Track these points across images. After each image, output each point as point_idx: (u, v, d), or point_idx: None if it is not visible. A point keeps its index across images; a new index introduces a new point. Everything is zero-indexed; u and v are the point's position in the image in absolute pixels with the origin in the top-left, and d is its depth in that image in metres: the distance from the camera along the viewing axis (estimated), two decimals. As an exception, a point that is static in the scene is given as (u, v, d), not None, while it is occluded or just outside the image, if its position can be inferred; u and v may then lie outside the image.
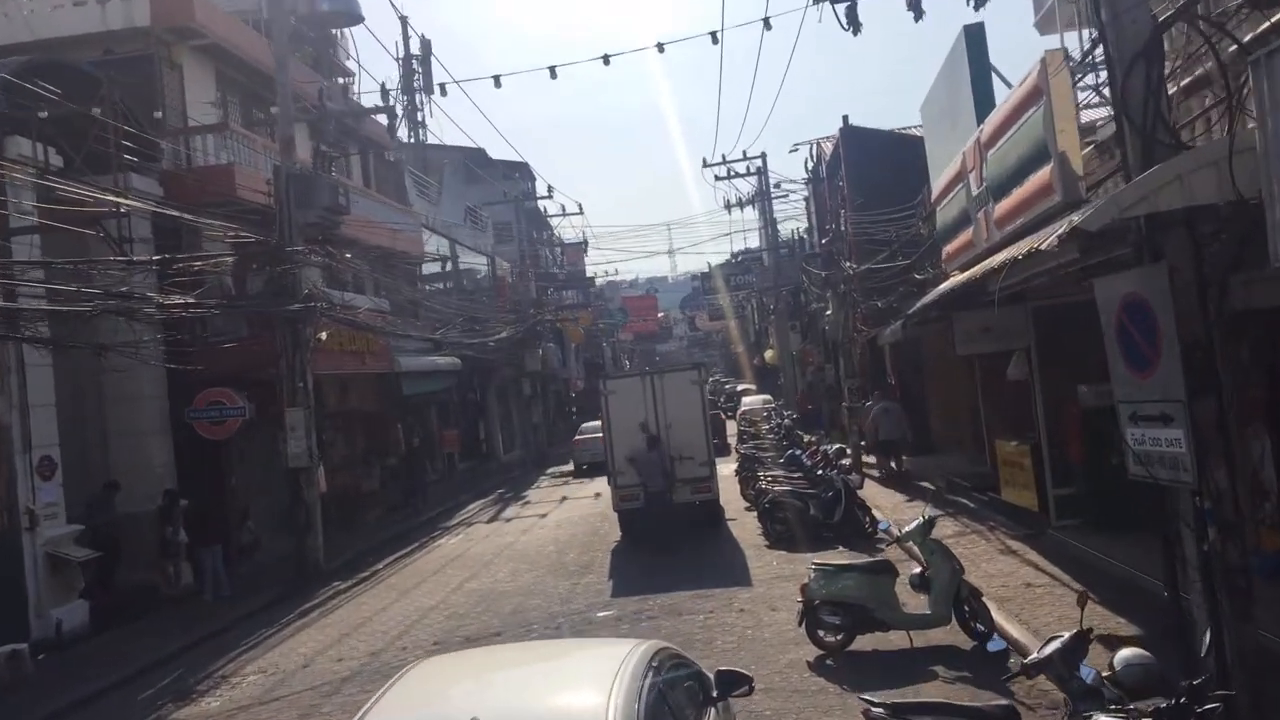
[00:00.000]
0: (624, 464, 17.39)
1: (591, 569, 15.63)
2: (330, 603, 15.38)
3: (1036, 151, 9.02)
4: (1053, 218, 8.47)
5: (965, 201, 12.24)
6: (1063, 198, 8.47)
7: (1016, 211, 9.98)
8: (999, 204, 10.56)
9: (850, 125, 25.27)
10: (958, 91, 12.78)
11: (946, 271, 14.93)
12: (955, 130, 13.03)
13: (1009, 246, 9.11)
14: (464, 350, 28.31)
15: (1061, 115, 8.44)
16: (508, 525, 21.89)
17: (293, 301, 16.47)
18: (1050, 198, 8.85)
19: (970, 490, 17.25)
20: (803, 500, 16.36)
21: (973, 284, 10.31)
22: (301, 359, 16.80)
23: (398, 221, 24.35)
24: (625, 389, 17.96)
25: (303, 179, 16.57)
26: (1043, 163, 8.87)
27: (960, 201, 12.65)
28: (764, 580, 13.41)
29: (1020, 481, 14.24)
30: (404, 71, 38.05)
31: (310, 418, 16.75)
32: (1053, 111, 8.49)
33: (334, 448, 23.41)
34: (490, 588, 14.98)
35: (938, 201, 14.66)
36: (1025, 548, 13.12)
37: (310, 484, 16.87)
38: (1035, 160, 9.11)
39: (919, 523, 10.03)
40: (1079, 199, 8.29)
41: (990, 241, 11.24)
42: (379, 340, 22.08)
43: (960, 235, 13.09)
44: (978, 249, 12.00)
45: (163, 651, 13.07)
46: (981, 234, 11.69)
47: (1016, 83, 9.62)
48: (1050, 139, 8.57)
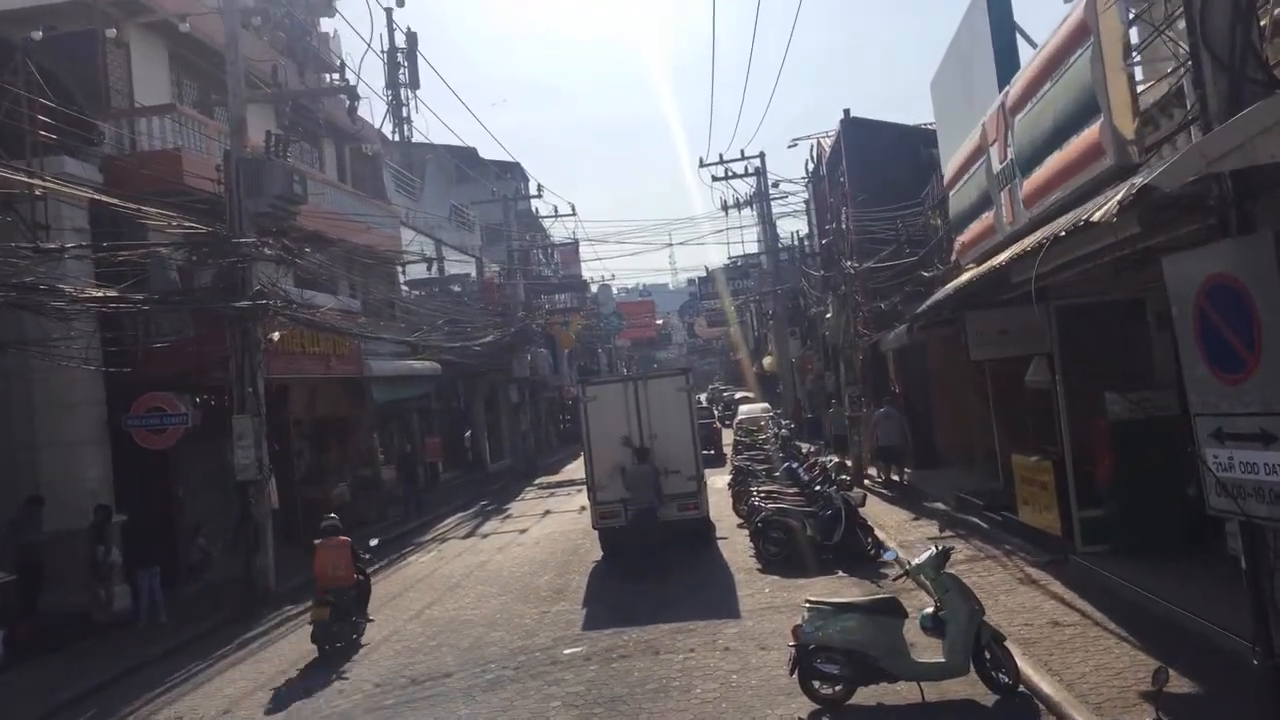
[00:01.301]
0: (604, 478, 15.96)
1: (565, 594, 14.17)
2: (275, 631, 13.92)
3: (1080, 106, 7.54)
4: (1098, 189, 7.03)
5: (985, 181, 10.77)
6: (1116, 160, 7.00)
7: (1052, 185, 8.48)
8: (1028, 179, 9.09)
9: (852, 117, 23.86)
10: (975, 56, 11.30)
11: (960, 266, 13.49)
12: (972, 102, 11.56)
13: (1041, 229, 7.66)
14: (444, 354, 26.86)
15: (1113, 58, 6.96)
16: (484, 542, 20.42)
17: (241, 297, 15.02)
18: (1098, 162, 7.36)
19: (982, 509, 15.77)
20: (799, 519, 14.91)
21: (995, 275, 8.86)
22: (251, 361, 15.34)
23: (364, 215, 22.89)
24: (606, 396, 16.49)
25: (253, 164, 15.15)
26: (1089, 119, 7.38)
27: (979, 182, 11.18)
28: (754, 611, 11.94)
29: (1040, 501, 12.78)
30: (388, 65, 36.83)
31: (260, 426, 15.29)
32: (1102, 53, 7.01)
33: (300, 458, 21.99)
34: (452, 615, 13.51)
35: (950, 185, 13.18)
36: (1047, 577, 11.65)
37: (260, 498, 15.40)
38: (1078, 117, 7.59)
39: (931, 554, 8.57)
40: (1132, 163, 6.83)
41: (1016, 225, 9.77)
42: (347, 343, 20.63)
43: (977, 222, 11.60)
44: (999, 236, 10.53)
45: (79, 687, 11.63)
46: (1004, 217, 10.21)
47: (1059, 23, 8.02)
48: (1100, 87, 7.09)
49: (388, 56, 36.68)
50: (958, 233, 12.94)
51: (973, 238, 12.08)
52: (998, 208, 10.45)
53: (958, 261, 13.81)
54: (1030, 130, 8.92)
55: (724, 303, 53.55)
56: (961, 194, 12.45)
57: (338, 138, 26.10)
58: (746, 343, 64.62)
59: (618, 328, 67.92)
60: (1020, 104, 9.26)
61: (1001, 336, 12.15)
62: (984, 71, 10.89)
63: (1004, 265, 8.32)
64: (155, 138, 16.36)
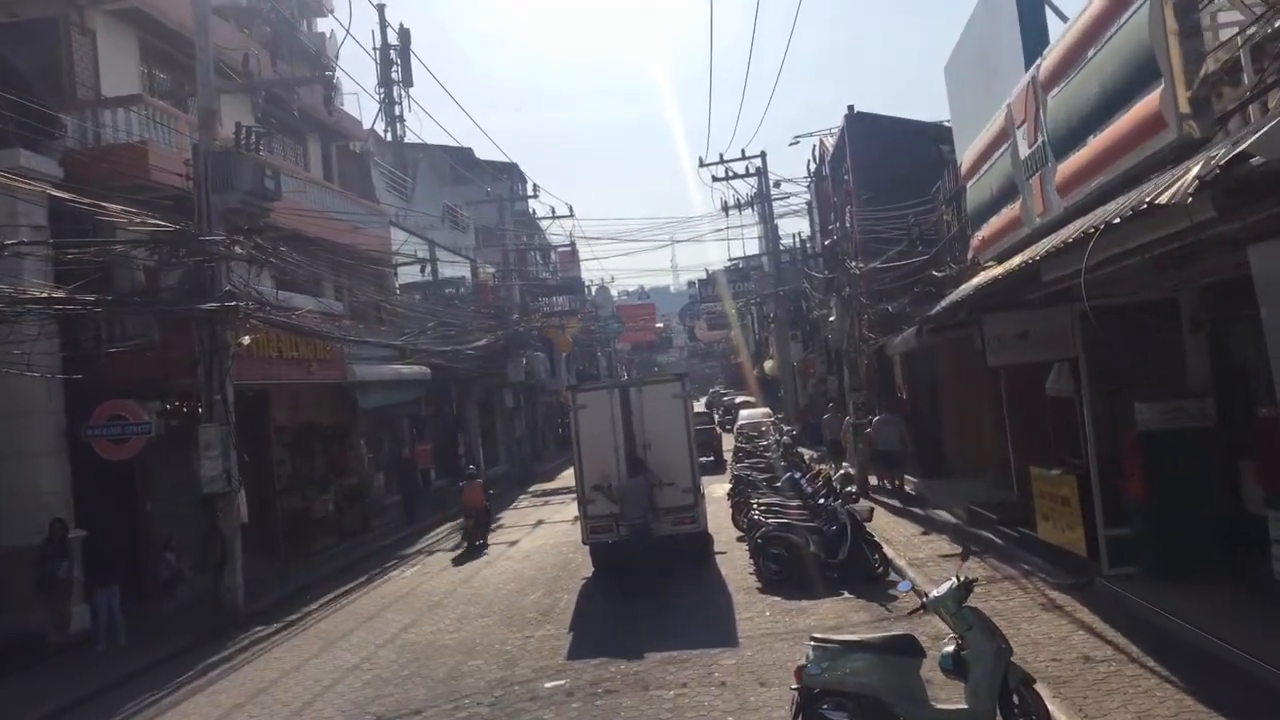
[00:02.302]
0: (594, 490, 15.04)
1: (551, 616, 13.24)
2: (240, 656, 12.99)
3: (1135, 71, 6.56)
4: (1149, 171, 6.09)
5: (1010, 169, 9.83)
6: (1180, 133, 6.06)
7: (1094, 167, 7.48)
8: (1064, 163, 8.12)
9: (856, 112, 22.92)
10: (997, 32, 10.34)
11: (978, 264, 12.56)
12: (994, 84, 10.60)
13: (1083, 218, 6.71)
14: (434, 359, 25.95)
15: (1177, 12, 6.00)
16: (471, 555, 19.48)
17: (208, 299, 14.13)
18: (1157, 136, 6.38)
19: (996, 523, 14.84)
20: (802, 535, 13.96)
21: (1024, 273, 7.91)
22: (220, 367, 14.44)
23: (349, 214, 21.97)
24: (597, 403, 15.55)
25: (222, 158, 14.25)
26: (1145, 86, 6.41)
27: (1002, 171, 10.23)
28: (753, 639, 11.00)
29: (1062, 518, 11.84)
30: (380, 63, 35.98)
31: (229, 435, 14.38)
32: (1163, 7, 6.05)
33: (282, 467, 21.07)
34: (429, 640, 12.59)
35: (968, 177, 12.23)
36: (1072, 601, 10.71)
37: (228, 513, 14.49)
38: (1132, 86, 6.60)
39: (951, 586, 7.62)
40: (1197, 137, 5.88)
41: (1048, 216, 8.80)
42: (330, 347, 19.71)
43: (999, 215, 10.63)
44: (1026, 229, 9.58)
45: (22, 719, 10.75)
46: (1034, 208, 9.24)
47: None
48: (1160, 47, 6.12)
49: (379, 54, 36.07)
50: (975, 229, 11.99)
51: (993, 233, 11.11)
52: (1025, 198, 9.49)
53: (974, 260, 12.87)
54: (1068, 106, 7.93)
55: (725, 305, 52.54)
56: (980, 186, 11.49)
57: (324, 134, 25.23)
58: (748, 346, 63.65)
59: (617, 331, 66.94)
60: (1056, 77, 8.27)
61: (1021, 341, 11.22)
62: (1008, 48, 9.93)
63: (1037, 260, 7.36)
64: (121, 130, 15.45)
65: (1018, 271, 8.04)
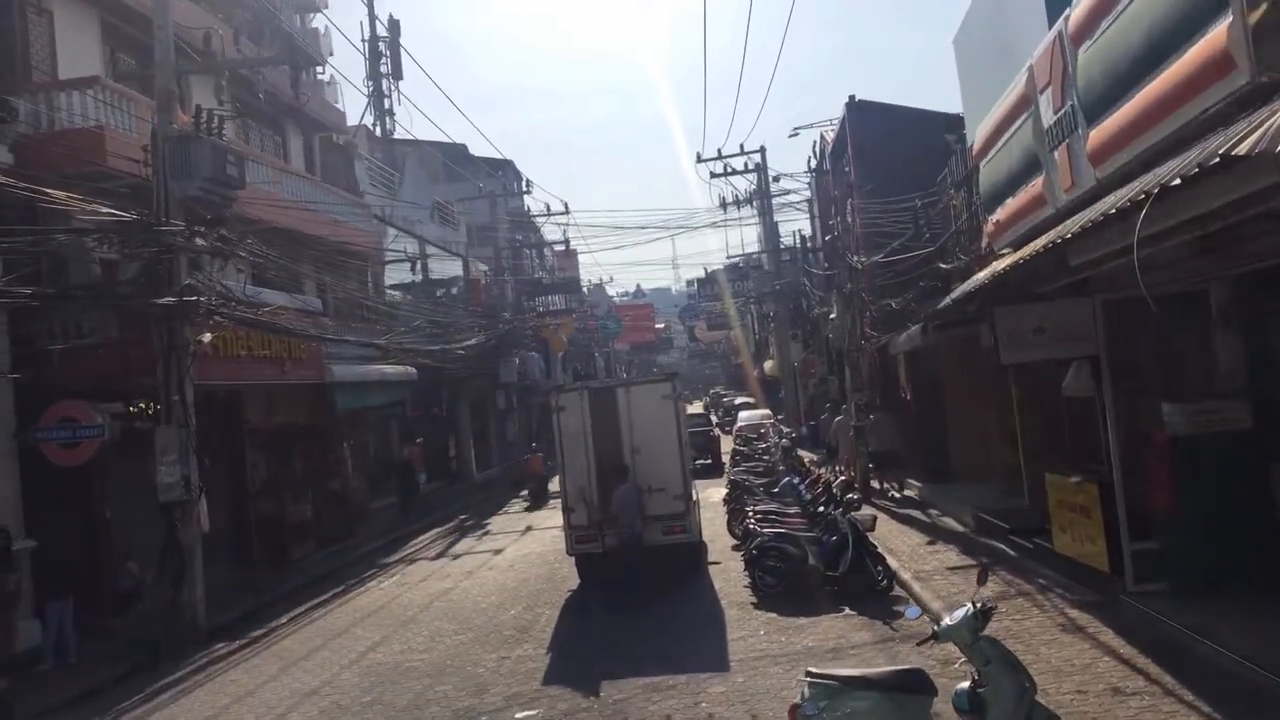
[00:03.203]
0: (576, 498, 14.13)
1: (531, 634, 12.32)
2: (195, 677, 12.08)
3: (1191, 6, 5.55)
4: (1204, 130, 5.16)
5: (1031, 140, 8.89)
6: (1255, 75, 5.09)
7: (1138, 128, 6.36)
8: (1097, 127, 7.14)
9: (858, 100, 21.99)
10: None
11: (993, 252, 11.62)
12: (1012, 48, 9.60)
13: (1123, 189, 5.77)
14: (421, 359, 25.01)
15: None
16: (454, 564, 18.58)
17: (167, 293, 13.24)
18: (1225, 80, 5.36)
19: (1008, 533, 13.91)
20: (799, 545, 13.05)
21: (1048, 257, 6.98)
22: (179, 366, 13.53)
23: (325, 204, 21.04)
24: (582, 405, 14.60)
25: (180, 142, 13.35)
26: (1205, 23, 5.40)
27: (1021, 143, 9.28)
28: (745, 662, 10.08)
29: (1082, 529, 10.90)
30: (370, 55, 35.07)
31: (188, 439, 13.48)
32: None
33: (256, 470, 20.16)
34: (397, 661, 11.67)
35: (981, 155, 11.26)
36: (1094, 621, 9.79)
37: (188, 522, 13.59)
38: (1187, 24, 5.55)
39: (966, 613, 6.70)
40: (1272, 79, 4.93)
41: (1076, 191, 7.83)
42: (306, 345, 18.79)
43: (1018, 195, 9.65)
44: (1049, 209, 8.63)
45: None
46: (1059, 183, 8.26)
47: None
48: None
49: (368, 46, 35.15)
50: (989, 212, 11.04)
51: (1011, 215, 10.13)
52: (1049, 172, 8.54)
53: (988, 247, 11.95)
54: (1104, 59, 6.91)
55: (725, 303, 51.53)
56: (996, 164, 10.52)
57: (304, 125, 24.29)
58: (748, 346, 62.68)
59: (616, 331, 66.00)
60: (1088, 29, 7.23)
61: (1037, 336, 10.28)
62: (1027, 4, 8.98)
63: (1066, 240, 6.41)
64: (78, 114, 14.54)
65: (1041, 255, 7.08)
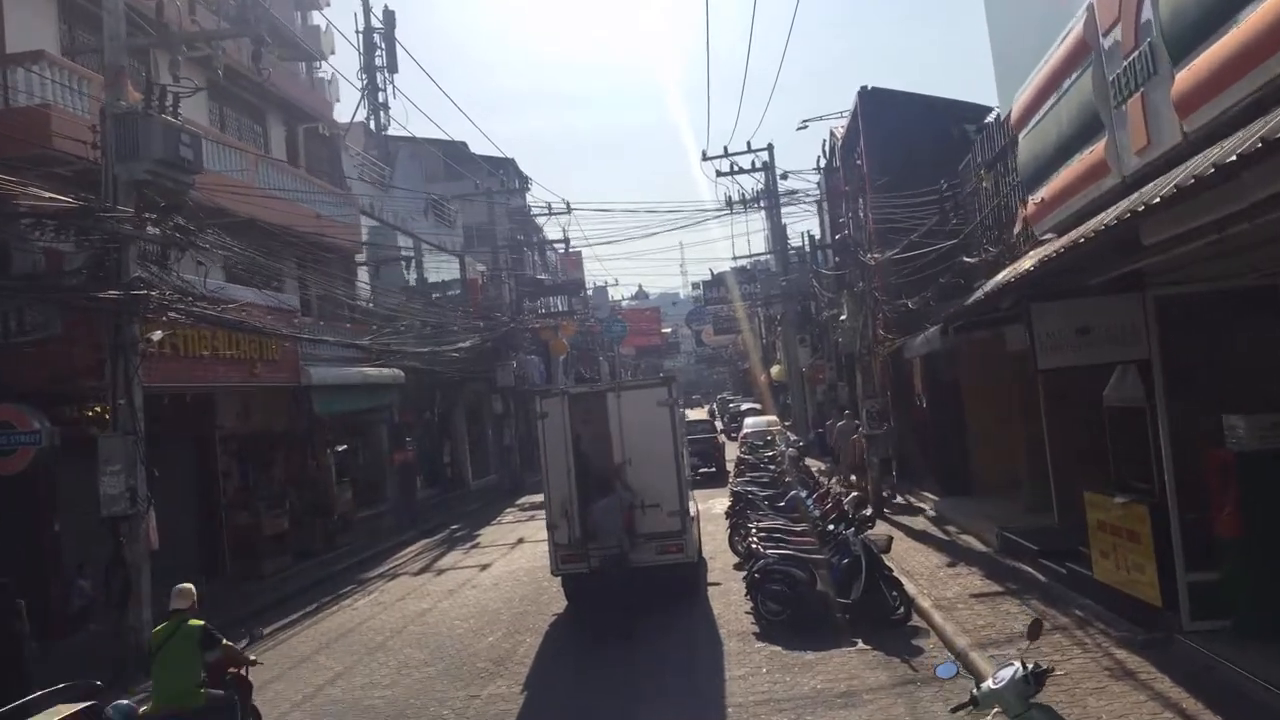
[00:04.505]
0: (559, 514, 12.88)
1: (508, 665, 11.06)
2: (133, 713, 10.81)
3: None
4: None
5: (1090, 96, 7.51)
6: None
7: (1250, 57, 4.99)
8: (1188, 66, 5.70)
9: (872, 89, 20.68)
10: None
11: (1030, 238, 10.33)
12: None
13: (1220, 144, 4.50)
14: (409, 361, 23.79)
15: None
16: (436, 580, 17.33)
17: (113, 286, 12.04)
18: None
19: (1037, 555, 12.60)
20: (807, 569, 11.78)
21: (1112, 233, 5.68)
22: (127, 367, 12.33)
23: (296, 193, 19.85)
24: (568, 411, 13.35)
25: (128, 121, 12.15)
26: None
27: (1077, 102, 7.87)
28: (744, 708, 8.82)
29: (1129, 556, 9.60)
30: (364, 48, 33.98)
31: (135, 447, 12.28)
32: None
33: (228, 478, 18.97)
34: (355, 699, 10.43)
35: (1022, 123, 9.88)
36: (1146, 665, 8.49)
37: (134, 538, 12.37)
38: None
39: (1014, 674, 5.44)
40: None
41: (1153, 151, 6.37)
42: (279, 346, 17.58)
43: (1070, 166, 8.23)
44: (1113, 178, 7.23)
45: None
46: (1129, 143, 6.79)
47: None
48: None
49: (363, 37, 34.05)
50: (1029, 191, 9.72)
51: (1059, 191, 8.72)
52: (1114, 133, 7.22)
53: (1026, 233, 10.65)
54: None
55: (734, 304, 50.18)
56: (1040, 133, 9.15)
57: (290, 115, 23.12)
58: (756, 350, 61.34)
59: (621, 334, 64.69)
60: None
61: (1081, 338, 9.00)
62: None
63: (1146, 209, 5.09)
64: (23, 93, 13.37)
65: (1109, 232, 5.75)
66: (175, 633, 7.59)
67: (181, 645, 7.53)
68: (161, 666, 7.52)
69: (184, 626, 7.63)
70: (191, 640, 7.53)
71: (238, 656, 8.29)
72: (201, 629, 7.64)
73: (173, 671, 7.49)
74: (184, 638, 7.56)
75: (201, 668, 7.61)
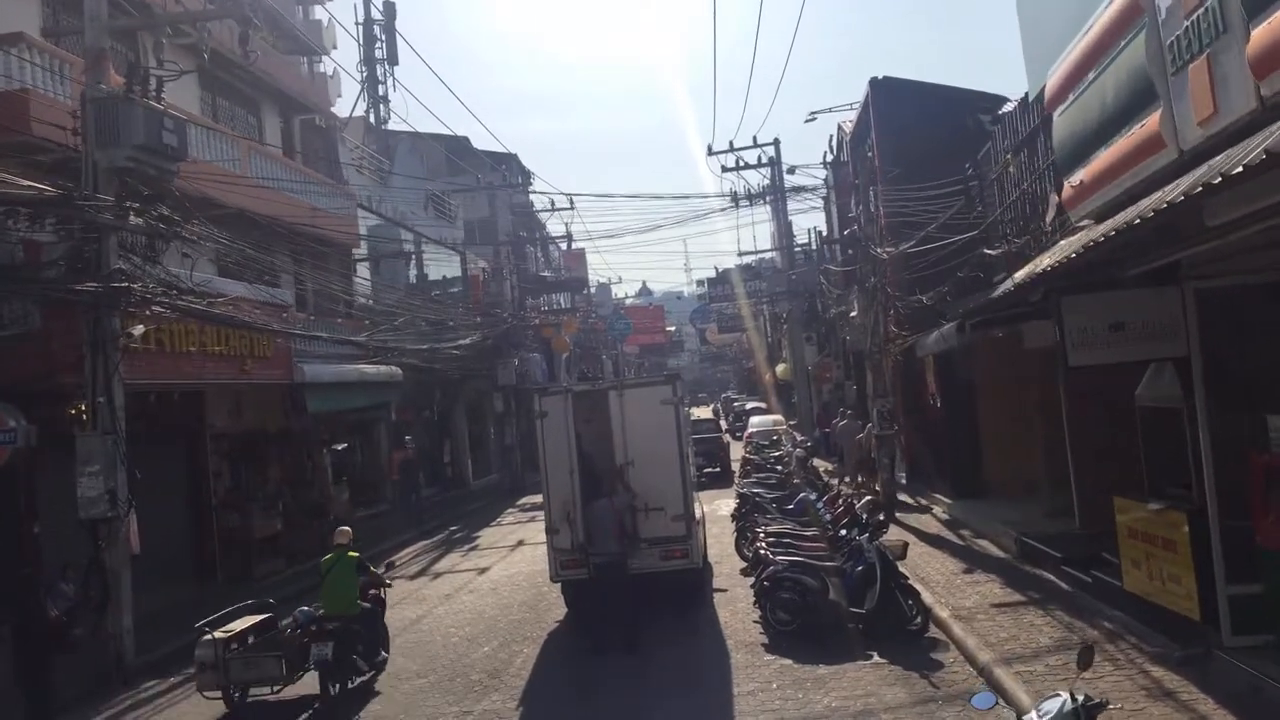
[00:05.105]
0: (560, 518, 12.33)
1: (502, 679, 10.49)
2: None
3: None
4: None
5: (1143, 62, 6.81)
6: None
7: None
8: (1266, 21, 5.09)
9: (884, 78, 20.06)
10: None
11: (1066, 225, 9.72)
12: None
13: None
14: (407, 358, 23.25)
15: None
16: (432, 585, 16.77)
17: (92, 278, 11.51)
18: None
19: (1059, 562, 12.02)
20: (818, 577, 11.19)
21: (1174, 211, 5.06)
22: (106, 363, 11.79)
23: (297, 185, 19.31)
24: (568, 410, 12.78)
25: (108, 105, 11.60)
26: None
27: (1127, 70, 7.17)
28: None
29: (1164, 566, 9.01)
30: (364, 38, 33.39)
31: (115, 447, 11.74)
32: None
33: (219, 479, 18.43)
34: (340, 713, 9.86)
35: (1058, 100, 9.18)
36: (1186, 684, 7.92)
37: (113, 542, 11.83)
38: None
39: (1062, 706, 4.89)
40: None
41: (1221, 120, 5.65)
42: (271, 342, 17.03)
43: (1118, 141, 7.53)
44: (1171, 150, 6.53)
45: None
46: (1191, 113, 6.05)
47: None
48: None
49: (363, 29, 33.46)
50: (1066, 174, 9.09)
51: (1103, 171, 7.99)
52: (1170, 103, 6.57)
53: (1058, 220, 10.04)
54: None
55: (739, 299, 49.52)
56: (1081, 108, 8.48)
57: (284, 105, 22.58)
58: (761, 348, 60.71)
59: (625, 331, 64.05)
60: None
61: (1115, 334, 8.42)
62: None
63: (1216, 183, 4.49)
64: (1, 75, 12.83)
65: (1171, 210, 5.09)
66: (338, 561, 10.40)
67: (343, 570, 10.37)
68: (329, 585, 10.33)
69: (344, 557, 10.43)
70: (350, 567, 10.42)
71: (379, 580, 11.18)
72: (357, 559, 10.55)
73: (337, 589, 10.30)
74: (344, 565, 10.39)
75: (357, 587, 10.47)
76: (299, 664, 9.83)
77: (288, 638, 10.07)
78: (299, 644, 9.84)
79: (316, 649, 9.66)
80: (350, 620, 10.13)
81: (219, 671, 9.81)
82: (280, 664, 9.80)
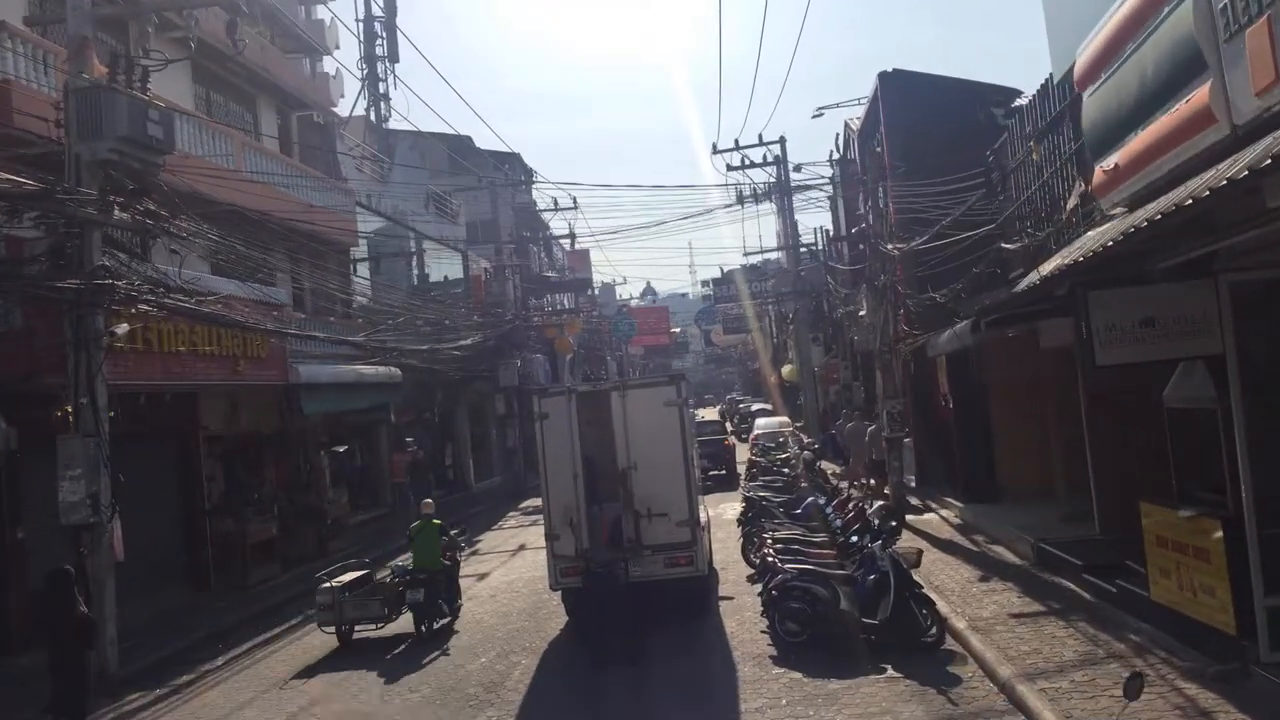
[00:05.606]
0: (561, 523, 11.88)
1: (499, 694, 10.04)
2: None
3: None
4: None
5: (1190, 30, 6.28)
6: None
7: None
8: None
9: (894, 70, 19.60)
10: None
11: (1096, 214, 9.24)
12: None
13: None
14: (406, 359, 22.81)
15: None
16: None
17: (74, 275, 11.08)
18: None
19: (1080, 571, 11.53)
20: (829, 586, 10.71)
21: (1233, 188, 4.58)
22: (89, 363, 11.36)
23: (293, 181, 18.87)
24: (569, 412, 12.32)
25: (90, 95, 11.18)
26: None
27: (1170, 40, 6.60)
28: (763, 749, 7.79)
29: (1196, 577, 8.52)
30: (365, 35, 33.03)
31: (98, 450, 11.30)
32: None
33: (213, 482, 18.00)
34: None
35: (1089, 79, 8.68)
36: (1222, 703, 7.44)
37: (96, 548, 11.39)
38: None
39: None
40: None
41: None
42: (265, 342, 16.61)
43: (1159, 120, 6.95)
44: (1226, 123, 5.98)
45: None
46: (1249, 81, 5.51)
47: None
48: None
49: (363, 26, 33.09)
50: (1098, 158, 8.59)
51: (1140, 154, 7.41)
52: (1221, 74, 6.09)
53: (1085, 209, 9.56)
54: None
55: (742, 301, 49.03)
56: (1115, 85, 7.96)
57: (281, 101, 22.18)
58: (766, 349, 60.23)
59: (629, 332, 63.60)
60: None
61: (1145, 330, 7.95)
62: None
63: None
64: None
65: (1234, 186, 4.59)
66: (424, 528, 12.84)
67: (429, 533, 12.83)
68: (419, 545, 12.75)
69: (429, 523, 12.88)
70: (434, 530, 12.86)
71: (455, 543, 13.69)
72: (440, 525, 13.07)
73: (425, 548, 12.72)
74: (429, 529, 12.84)
75: (439, 547, 12.85)
76: (396, 607, 12.51)
77: (386, 585, 12.70)
78: (395, 591, 12.54)
79: (410, 594, 12.32)
80: (435, 573, 12.59)
81: (335, 611, 12.29)
82: (382, 606, 12.41)
